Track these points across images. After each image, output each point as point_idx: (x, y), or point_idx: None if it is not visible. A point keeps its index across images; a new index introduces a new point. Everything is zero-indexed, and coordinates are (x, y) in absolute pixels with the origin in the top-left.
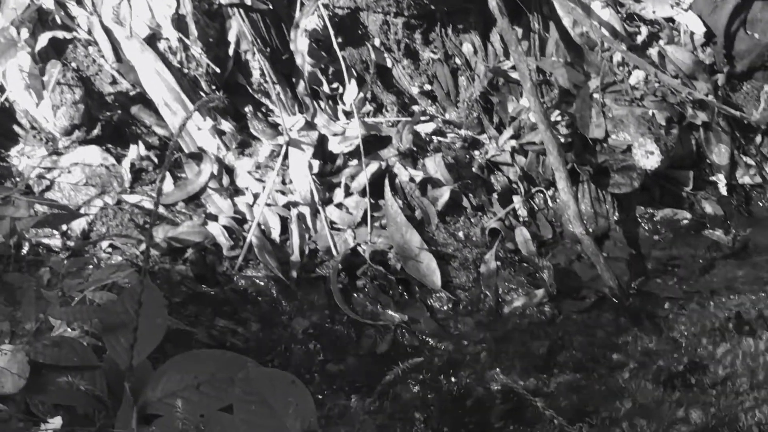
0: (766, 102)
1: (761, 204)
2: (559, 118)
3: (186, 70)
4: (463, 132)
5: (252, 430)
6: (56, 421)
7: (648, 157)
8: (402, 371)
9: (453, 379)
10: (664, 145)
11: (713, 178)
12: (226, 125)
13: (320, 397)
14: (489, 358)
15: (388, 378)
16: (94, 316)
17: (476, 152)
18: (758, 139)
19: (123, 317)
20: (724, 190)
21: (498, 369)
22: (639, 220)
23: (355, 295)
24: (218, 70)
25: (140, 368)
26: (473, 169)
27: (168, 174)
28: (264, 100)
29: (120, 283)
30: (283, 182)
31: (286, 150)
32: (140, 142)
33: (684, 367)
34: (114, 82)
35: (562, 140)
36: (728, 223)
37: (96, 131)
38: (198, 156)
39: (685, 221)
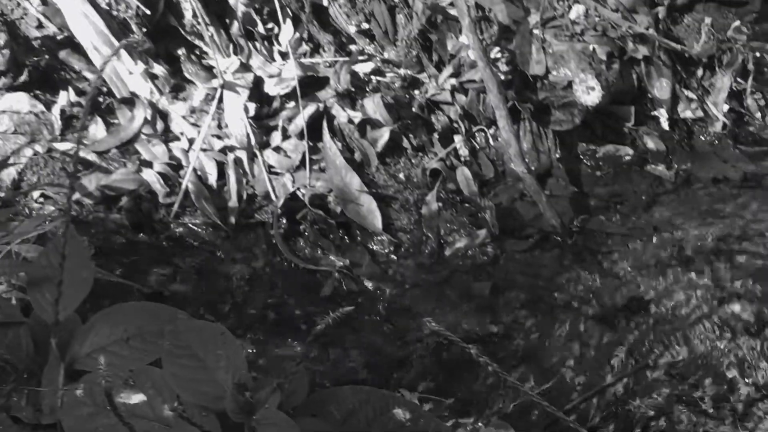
0: (706, 35)
1: (703, 138)
2: (498, 55)
3: (115, 12)
4: (402, 71)
5: (182, 384)
6: None
7: (589, 92)
8: (336, 318)
9: (393, 324)
10: (605, 80)
11: (655, 113)
12: (159, 69)
13: (256, 346)
14: (431, 301)
15: (319, 327)
16: (19, 270)
17: (416, 92)
18: (699, 72)
19: (48, 271)
20: (665, 125)
21: (431, 316)
22: (581, 157)
23: (296, 240)
24: (148, 12)
25: (68, 323)
26: (413, 109)
27: (100, 120)
28: (197, 42)
29: (50, 234)
30: (219, 126)
31: (221, 93)
32: (70, 88)
33: (627, 304)
34: (40, 25)
35: (503, 77)
36: (670, 158)
37: (23, 77)
38: (130, 101)
39: (627, 157)
